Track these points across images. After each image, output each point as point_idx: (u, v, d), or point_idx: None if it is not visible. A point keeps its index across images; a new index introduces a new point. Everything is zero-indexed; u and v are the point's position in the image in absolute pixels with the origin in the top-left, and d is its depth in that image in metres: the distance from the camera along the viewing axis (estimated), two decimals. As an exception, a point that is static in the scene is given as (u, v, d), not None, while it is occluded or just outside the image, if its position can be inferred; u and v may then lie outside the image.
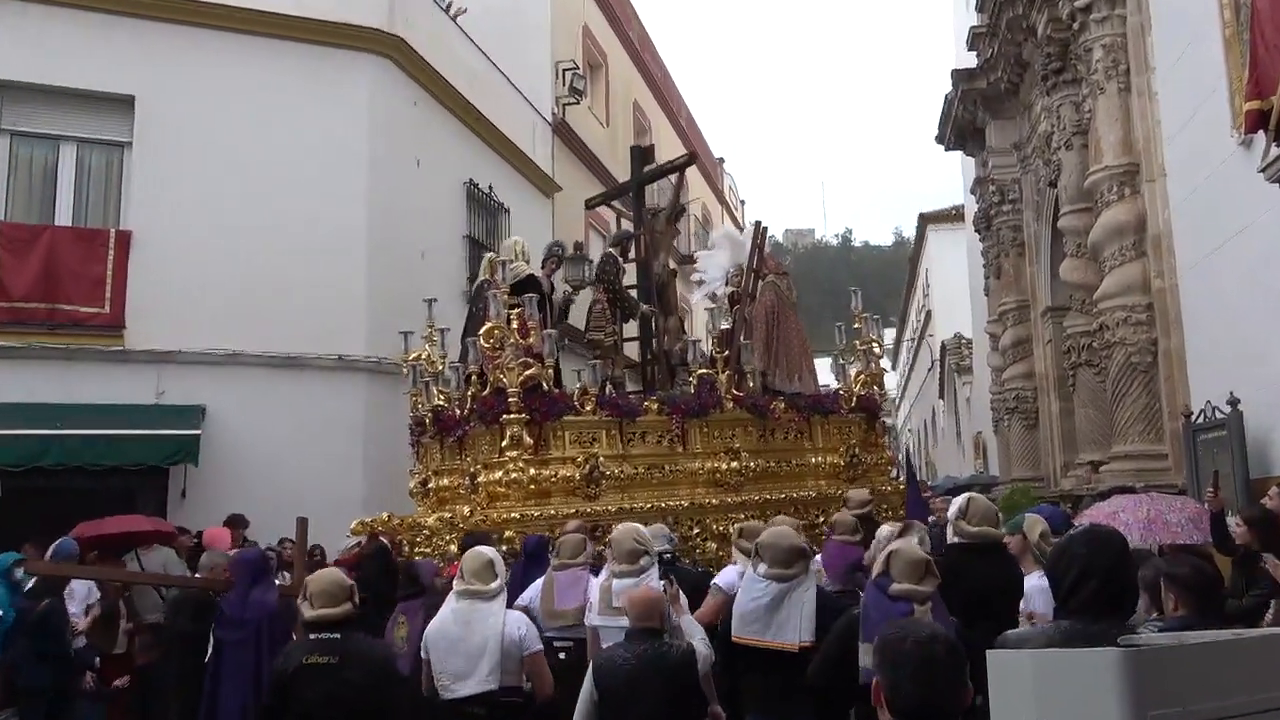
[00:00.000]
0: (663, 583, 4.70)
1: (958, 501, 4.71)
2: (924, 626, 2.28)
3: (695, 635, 4.47)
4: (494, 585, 4.61)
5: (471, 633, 4.50)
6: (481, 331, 7.62)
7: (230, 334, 10.37)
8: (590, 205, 12.56)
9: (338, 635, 4.08)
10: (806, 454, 8.85)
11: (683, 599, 4.85)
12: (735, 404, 8.32)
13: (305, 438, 10.41)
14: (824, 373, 10.22)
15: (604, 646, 4.53)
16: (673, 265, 10.15)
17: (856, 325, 9.65)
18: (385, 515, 7.56)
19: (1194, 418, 7.91)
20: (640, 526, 5.42)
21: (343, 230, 10.97)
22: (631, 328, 9.98)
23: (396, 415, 11.26)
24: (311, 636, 4.14)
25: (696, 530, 7.62)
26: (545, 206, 16.16)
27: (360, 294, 11.03)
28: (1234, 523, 5.88)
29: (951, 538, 4.60)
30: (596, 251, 17.74)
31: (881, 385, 9.72)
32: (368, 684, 4.01)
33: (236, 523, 8.78)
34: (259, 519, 9.09)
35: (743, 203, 35.56)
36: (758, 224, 9.62)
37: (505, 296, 7.67)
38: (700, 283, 10.40)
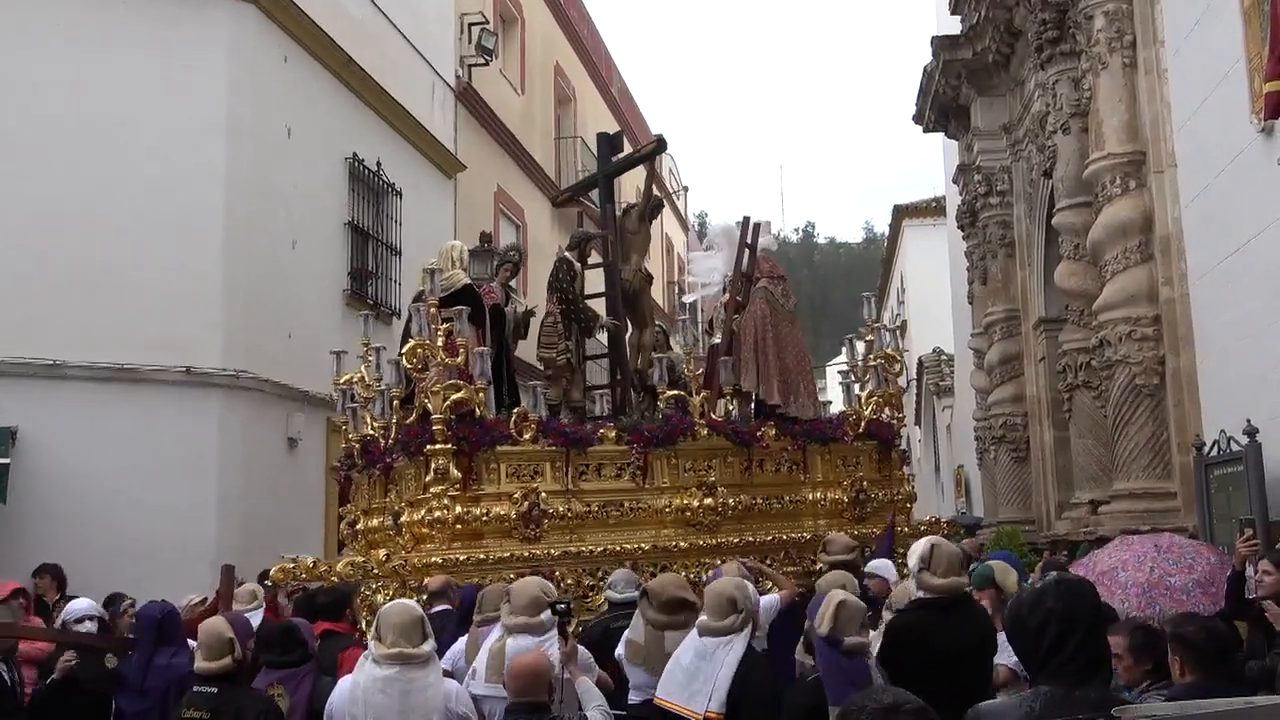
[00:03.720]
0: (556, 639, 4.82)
1: (918, 549, 4.87)
2: (885, 694, 2.39)
3: (591, 703, 4.55)
4: (426, 648, 4.69)
5: (410, 706, 4.54)
6: (404, 350, 7.85)
7: (49, 340, 10.17)
8: (558, 202, 12.78)
9: (215, 689, 4.74)
10: (802, 489, 9.03)
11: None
12: (712, 430, 8.48)
13: (144, 469, 10.26)
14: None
15: None
16: (646, 270, 10.41)
17: (869, 337, 9.93)
18: (310, 560, 7.70)
19: (1206, 450, 8.16)
20: (545, 581, 5.57)
21: (194, 213, 10.81)
22: (601, 345, 10.19)
23: (260, 441, 11.18)
24: (194, 689, 4.86)
25: None
26: (446, 188, 16.10)
27: (215, 292, 10.88)
28: (1254, 574, 6.03)
29: (914, 592, 4.74)
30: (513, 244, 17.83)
31: (899, 407, 9.96)
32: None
33: (50, 574, 8.58)
34: (83, 570, 8.90)
35: (685, 189, 35.80)
36: (747, 219, 9.83)
37: (434, 310, 7.88)
38: (697, 287, 10.64)
